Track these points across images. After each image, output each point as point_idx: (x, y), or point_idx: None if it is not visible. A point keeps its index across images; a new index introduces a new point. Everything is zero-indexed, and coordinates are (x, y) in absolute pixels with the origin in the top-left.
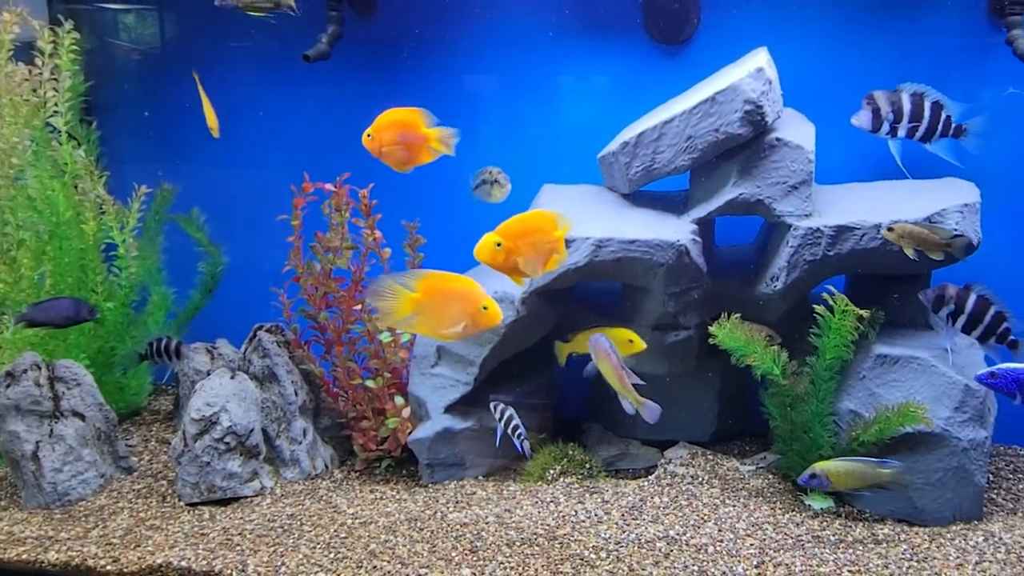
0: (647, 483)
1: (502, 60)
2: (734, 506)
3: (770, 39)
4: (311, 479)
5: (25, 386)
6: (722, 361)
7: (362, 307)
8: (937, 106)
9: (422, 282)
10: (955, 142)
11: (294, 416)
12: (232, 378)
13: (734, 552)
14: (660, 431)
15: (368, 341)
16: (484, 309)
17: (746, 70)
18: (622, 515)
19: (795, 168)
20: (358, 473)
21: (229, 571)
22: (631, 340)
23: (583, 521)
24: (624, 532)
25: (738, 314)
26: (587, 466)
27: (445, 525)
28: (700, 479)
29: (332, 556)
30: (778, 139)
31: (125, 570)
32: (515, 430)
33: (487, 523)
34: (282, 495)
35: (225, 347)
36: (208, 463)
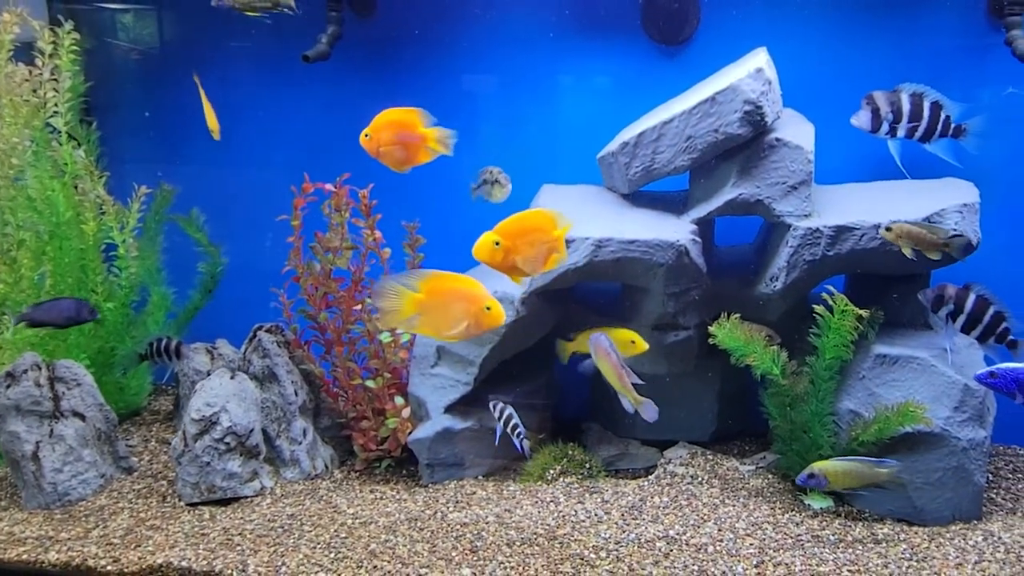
0: (647, 483)
1: (502, 60)
2: (734, 506)
3: (770, 39)
4: (311, 479)
5: (25, 386)
6: (722, 361)
7: (362, 307)
8: (936, 106)
9: (425, 283)
10: (954, 142)
11: (294, 416)
12: (232, 378)
13: (734, 552)
14: (660, 431)
15: (368, 341)
16: (487, 309)
17: (746, 70)
18: (622, 515)
19: (794, 168)
20: (358, 473)
21: (229, 571)
22: (633, 341)
23: (583, 521)
24: (624, 532)
25: (738, 314)
26: (587, 466)
27: (445, 525)
28: (700, 479)
29: (332, 556)
30: (778, 139)
31: (125, 570)
32: (514, 429)
33: (487, 523)
34: (282, 495)
35: (225, 347)
36: (208, 463)
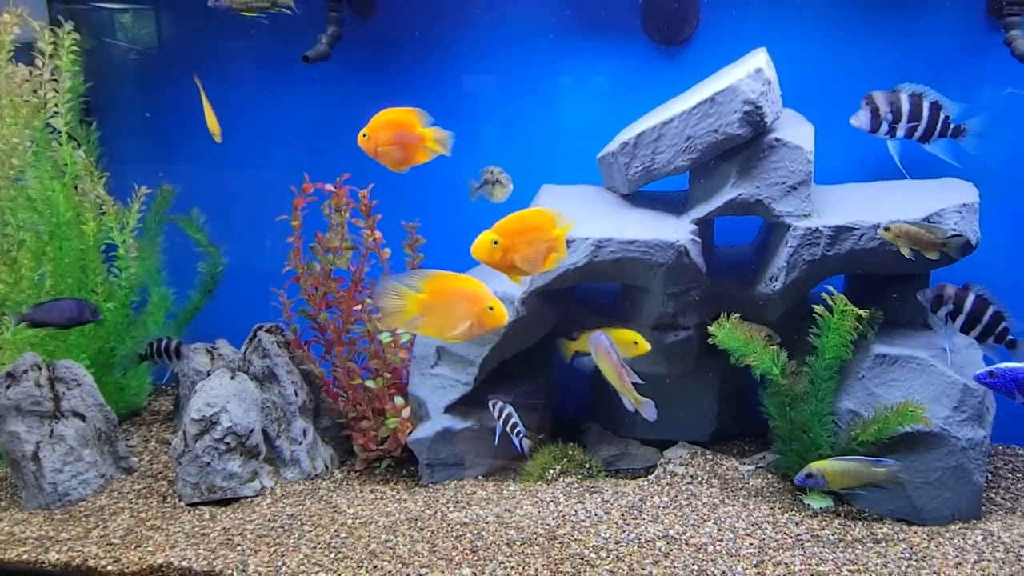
0: (647, 483)
1: (502, 60)
2: (733, 505)
3: (769, 39)
4: (311, 479)
5: (25, 386)
6: (721, 361)
7: (362, 307)
8: (936, 106)
9: (428, 283)
10: (954, 142)
11: (294, 416)
12: (232, 378)
13: (734, 551)
14: (660, 431)
15: (368, 341)
16: (490, 309)
17: (745, 71)
18: (622, 515)
19: (794, 168)
20: (358, 473)
21: (230, 571)
22: (636, 342)
23: (583, 521)
24: (624, 532)
25: (737, 314)
26: (587, 466)
27: (445, 525)
28: (699, 479)
29: (333, 556)
30: (777, 139)
31: (126, 570)
32: (514, 428)
33: (487, 523)
34: (282, 495)
35: (225, 347)
36: (208, 463)
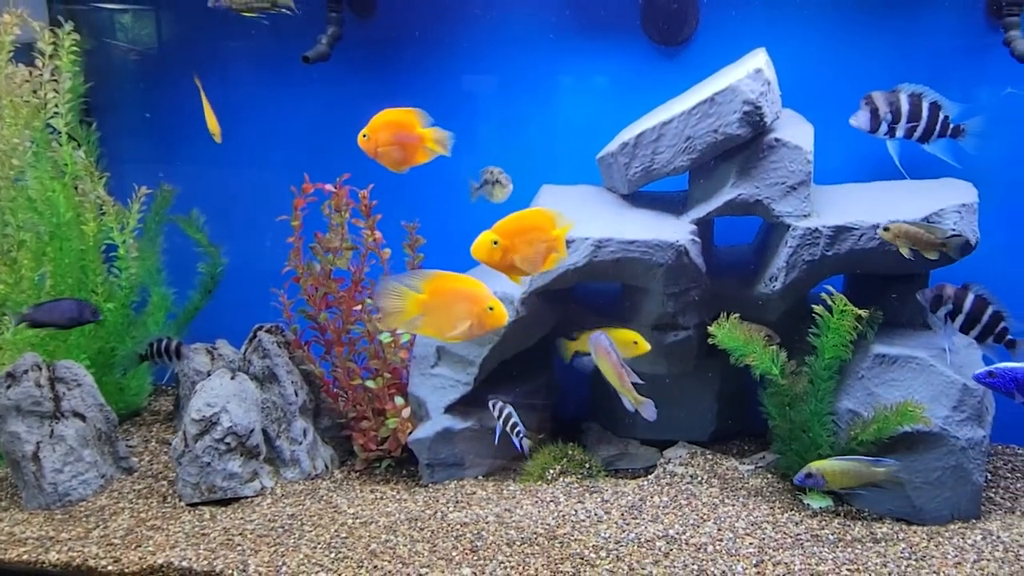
0: (646, 483)
1: (502, 60)
2: (733, 505)
3: (769, 40)
4: (311, 479)
5: (26, 387)
6: (721, 361)
7: (362, 307)
8: (935, 106)
9: (428, 283)
10: (953, 142)
11: (294, 416)
12: (232, 379)
13: (733, 551)
14: (659, 431)
15: (368, 341)
16: (490, 310)
17: (745, 71)
18: (622, 514)
19: (794, 168)
20: (358, 473)
21: (230, 571)
22: (636, 342)
23: (583, 520)
24: (624, 531)
25: (737, 314)
26: (587, 466)
27: (445, 525)
28: (699, 479)
29: (333, 556)
30: (777, 140)
31: (126, 570)
32: (514, 427)
33: (487, 523)
34: (282, 495)
35: (225, 348)
36: (209, 463)
